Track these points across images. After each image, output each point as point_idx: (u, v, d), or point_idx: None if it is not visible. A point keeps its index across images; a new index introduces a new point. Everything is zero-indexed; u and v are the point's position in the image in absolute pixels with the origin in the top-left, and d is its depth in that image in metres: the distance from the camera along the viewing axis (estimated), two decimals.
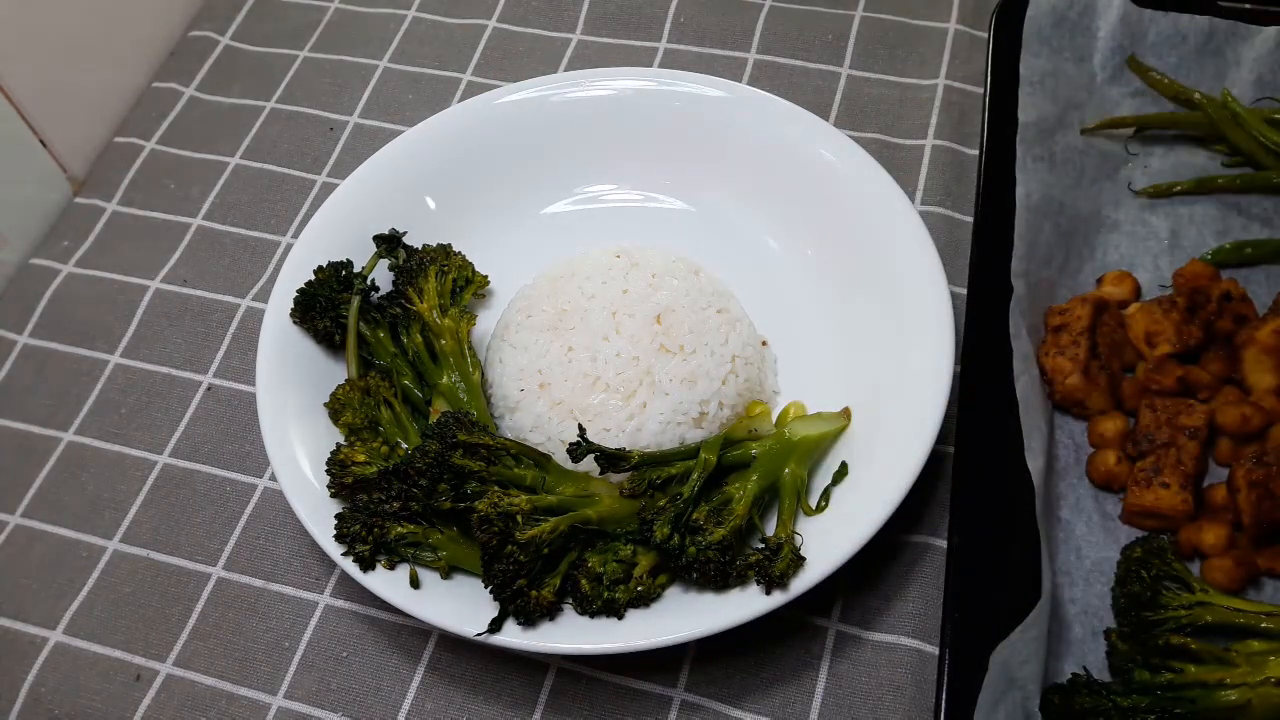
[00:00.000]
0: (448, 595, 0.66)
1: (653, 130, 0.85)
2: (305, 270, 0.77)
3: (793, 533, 0.65)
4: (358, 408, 0.73)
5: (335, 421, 0.73)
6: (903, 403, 0.69)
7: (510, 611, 0.64)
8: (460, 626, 0.64)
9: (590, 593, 0.64)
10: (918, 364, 0.70)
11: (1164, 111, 0.84)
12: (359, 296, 0.77)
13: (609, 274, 0.77)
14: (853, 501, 0.67)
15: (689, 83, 0.85)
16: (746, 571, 0.64)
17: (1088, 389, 0.71)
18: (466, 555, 0.67)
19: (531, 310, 0.77)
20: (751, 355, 0.76)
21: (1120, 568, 0.66)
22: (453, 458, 0.65)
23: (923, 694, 0.66)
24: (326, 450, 0.70)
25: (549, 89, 0.87)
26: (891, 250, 0.76)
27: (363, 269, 0.79)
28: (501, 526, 0.63)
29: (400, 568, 0.67)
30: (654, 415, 0.71)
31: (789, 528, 0.66)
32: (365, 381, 0.74)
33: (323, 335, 0.76)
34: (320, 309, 0.76)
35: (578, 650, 0.64)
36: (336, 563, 0.67)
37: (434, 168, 0.84)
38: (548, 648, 0.64)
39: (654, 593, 0.66)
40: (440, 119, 0.86)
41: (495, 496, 0.64)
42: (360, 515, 0.67)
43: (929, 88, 0.93)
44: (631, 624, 0.65)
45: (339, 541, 0.67)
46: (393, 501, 0.66)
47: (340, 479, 0.69)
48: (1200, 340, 0.72)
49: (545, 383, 0.73)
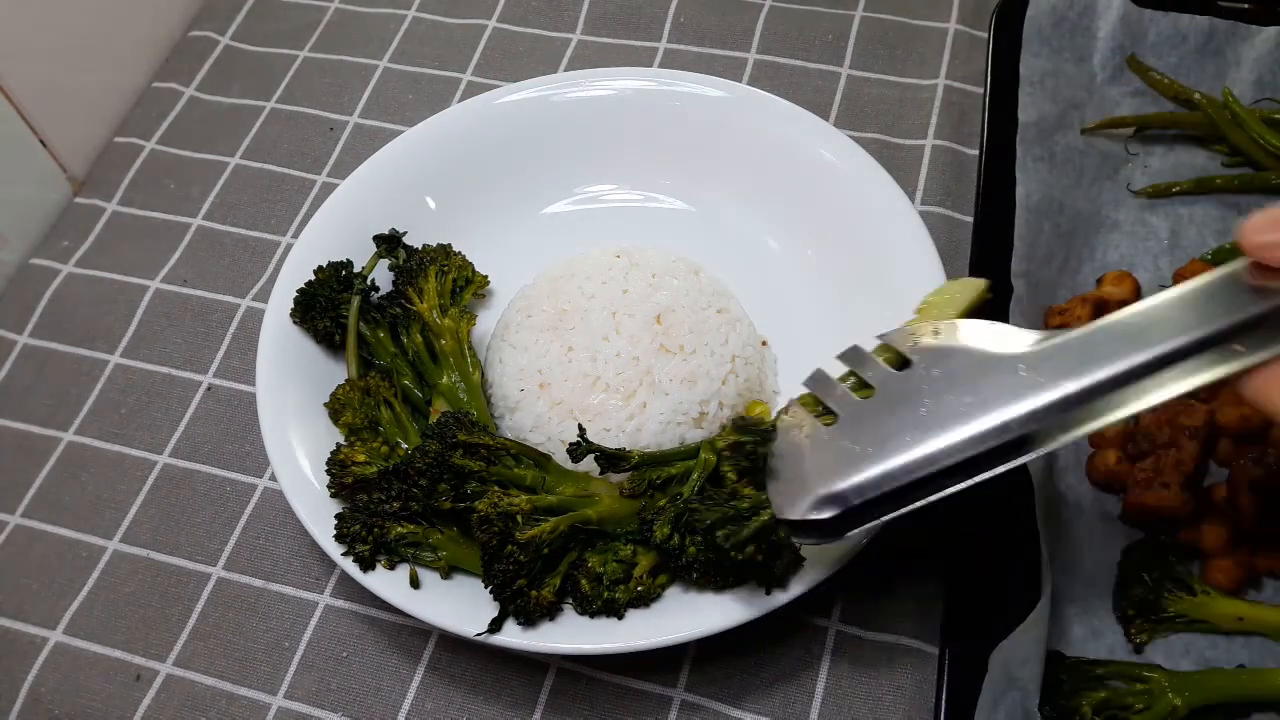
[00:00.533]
0: (448, 595, 0.66)
1: (653, 130, 0.85)
2: (305, 270, 0.77)
3: None
4: (358, 408, 0.73)
5: (335, 421, 0.73)
6: None
7: (510, 611, 0.64)
8: (460, 626, 0.64)
9: (590, 593, 0.64)
10: None
11: (1164, 111, 0.84)
12: (359, 296, 0.77)
13: (609, 274, 0.77)
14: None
15: (689, 83, 0.85)
16: (746, 571, 0.64)
17: None
18: (466, 555, 0.67)
19: (531, 310, 0.77)
20: (751, 355, 0.76)
21: (1121, 569, 0.66)
22: (453, 458, 0.65)
23: (923, 694, 0.66)
24: (326, 450, 0.70)
25: (549, 89, 0.87)
26: (891, 250, 0.76)
27: (363, 269, 0.79)
28: (501, 526, 0.63)
29: (400, 568, 0.67)
30: (654, 415, 0.71)
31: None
32: (365, 381, 0.74)
33: (323, 335, 0.76)
34: (320, 309, 0.76)
35: (578, 650, 0.64)
36: (336, 563, 0.67)
37: (434, 168, 0.84)
38: (548, 648, 0.64)
39: (654, 593, 0.66)
40: (440, 119, 0.86)
41: (495, 496, 0.64)
42: (360, 515, 0.67)
43: (929, 88, 0.93)
44: (631, 624, 0.65)
45: (339, 541, 0.67)
46: (393, 501, 0.66)
47: (340, 479, 0.69)
48: None
49: (545, 383, 0.73)
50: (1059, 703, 0.61)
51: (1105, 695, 0.61)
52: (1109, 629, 0.65)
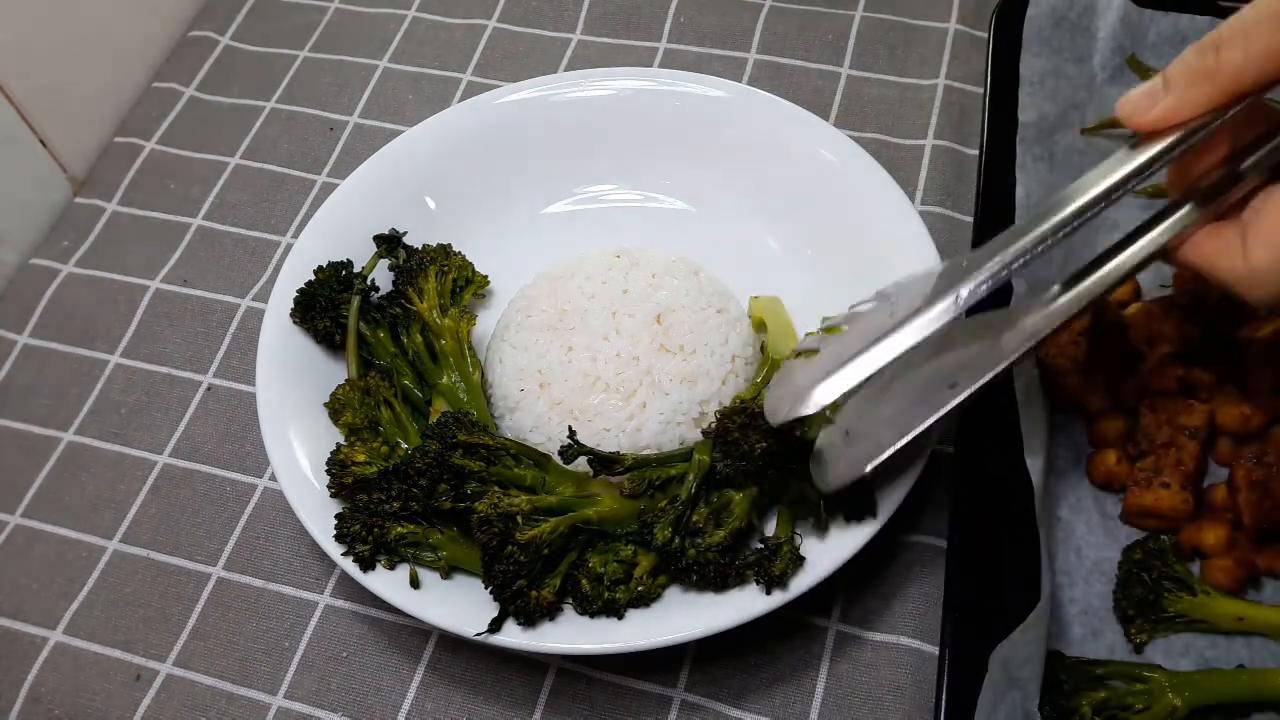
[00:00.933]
0: (448, 595, 0.66)
1: (653, 130, 0.85)
2: (305, 270, 0.77)
3: (793, 533, 0.65)
4: (358, 408, 0.73)
5: (335, 421, 0.73)
6: None
7: (510, 612, 0.64)
8: (460, 626, 0.64)
9: (591, 593, 0.64)
10: None
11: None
12: (359, 296, 0.77)
13: (609, 274, 0.77)
14: (852, 501, 0.67)
15: (689, 83, 0.85)
16: (746, 571, 0.64)
17: (1087, 389, 0.71)
18: (466, 555, 0.66)
19: (531, 310, 0.77)
20: (751, 355, 0.76)
21: (1122, 569, 0.66)
22: (452, 458, 0.65)
23: (923, 694, 0.66)
24: (327, 450, 0.70)
25: (549, 89, 0.86)
26: (891, 250, 0.75)
27: (363, 269, 0.79)
28: (501, 527, 0.63)
29: (401, 568, 0.67)
30: (654, 415, 0.71)
31: (789, 528, 0.66)
32: (365, 381, 0.74)
33: (323, 335, 0.76)
34: (320, 309, 0.76)
35: (578, 650, 0.64)
36: (336, 563, 0.67)
37: (434, 168, 0.84)
38: (548, 648, 0.64)
39: (654, 593, 0.66)
40: (440, 119, 0.86)
41: (495, 497, 0.64)
42: (360, 515, 0.67)
43: (929, 88, 0.93)
44: (632, 624, 0.65)
45: (339, 541, 0.67)
46: (393, 501, 0.66)
47: (340, 479, 0.69)
48: (1200, 341, 0.72)
49: (545, 383, 0.73)
50: (1059, 703, 0.61)
51: (1105, 695, 0.61)
52: (1109, 629, 0.65)
